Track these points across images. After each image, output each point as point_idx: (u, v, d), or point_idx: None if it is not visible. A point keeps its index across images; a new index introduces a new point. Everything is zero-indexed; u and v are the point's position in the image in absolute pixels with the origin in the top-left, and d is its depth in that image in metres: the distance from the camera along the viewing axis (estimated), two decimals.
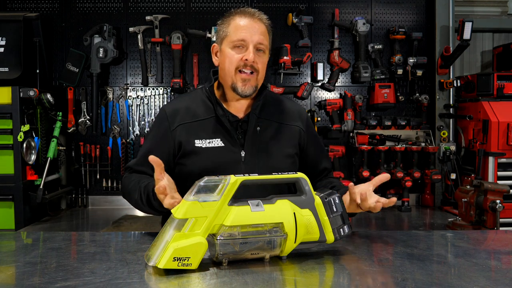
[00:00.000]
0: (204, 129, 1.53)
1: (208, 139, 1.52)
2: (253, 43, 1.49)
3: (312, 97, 3.51)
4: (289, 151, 1.60)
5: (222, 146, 1.52)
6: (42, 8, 3.42)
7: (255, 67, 1.51)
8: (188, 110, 1.57)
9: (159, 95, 3.42)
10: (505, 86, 3.19)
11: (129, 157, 3.40)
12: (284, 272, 1.07)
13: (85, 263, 1.15)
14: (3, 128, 2.80)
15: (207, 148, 1.51)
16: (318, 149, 1.71)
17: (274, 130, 1.59)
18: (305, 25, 3.39)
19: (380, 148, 3.30)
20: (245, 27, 1.50)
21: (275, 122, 1.60)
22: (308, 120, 1.70)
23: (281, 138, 1.59)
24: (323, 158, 1.72)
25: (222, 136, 1.53)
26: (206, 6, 3.45)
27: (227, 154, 1.52)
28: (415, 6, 3.54)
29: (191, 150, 1.52)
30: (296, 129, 1.63)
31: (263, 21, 1.55)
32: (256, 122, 1.56)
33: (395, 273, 1.05)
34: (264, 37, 1.53)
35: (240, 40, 1.50)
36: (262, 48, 1.52)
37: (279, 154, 1.57)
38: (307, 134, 1.66)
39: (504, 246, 1.37)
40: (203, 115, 1.56)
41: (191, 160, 1.52)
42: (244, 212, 1.08)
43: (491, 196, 2.48)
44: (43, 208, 3.06)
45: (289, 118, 1.63)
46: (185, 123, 1.55)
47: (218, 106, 1.54)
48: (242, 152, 1.53)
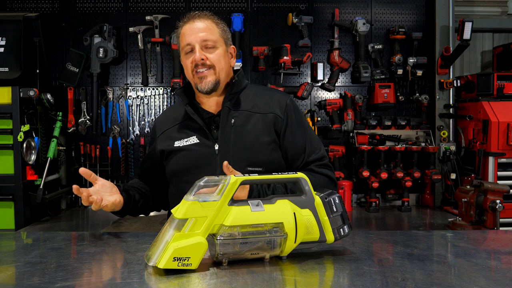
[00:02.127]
0: (182, 131, 1.64)
1: (185, 139, 1.62)
2: (197, 43, 1.55)
3: (312, 97, 3.51)
4: (266, 139, 1.57)
5: (198, 142, 1.60)
6: (42, 8, 3.42)
7: (207, 63, 1.55)
8: (170, 117, 1.71)
9: (159, 95, 3.42)
10: (505, 86, 3.19)
11: (129, 157, 3.40)
12: (284, 272, 1.07)
13: (85, 263, 1.15)
14: (3, 128, 2.81)
15: (185, 147, 1.61)
16: (301, 136, 1.62)
17: (249, 121, 1.58)
18: (305, 25, 3.39)
19: (380, 148, 3.30)
20: (187, 32, 1.57)
21: (250, 113, 1.59)
22: (289, 107, 1.62)
23: (255, 127, 1.58)
24: (307, 146, 1.61)
25: (197, 133, 1.61)
26: (206, 6, 3.45)
27: (202, 149, 1.59)
28: (415, 6, 3.54)
29: (171, 151, 1.63)
30: (270, 116, 1.59)
31: (205, 18, 1.58)
32: (229, 115, 1.58)
33: (395, 273, 1.05)
34: (208, 32, 1.56)
35: (186, 45, 1.57)
36: (210, 44, 1.56)
37: (255, 143, 1.56)
38: (287, 121, 1.60)
39: (504, 246, 1.37)
40: (181, 118, 1.66)
41: (172, 160, 1.63)
42: (244, 212, 1.08)
43: (491, 196, 2.48)
44: (43, 208, 3.06)
45: (265, 107, 1.61)
46: (167, 129, 1.68)
47: (188, 106, 1.62)
48: (216, 145, 1.57)
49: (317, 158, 1.61)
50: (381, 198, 3.46)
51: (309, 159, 1.60)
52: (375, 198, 3.30)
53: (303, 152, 1.61)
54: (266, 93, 1.67)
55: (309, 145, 1.62)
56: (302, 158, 1.60)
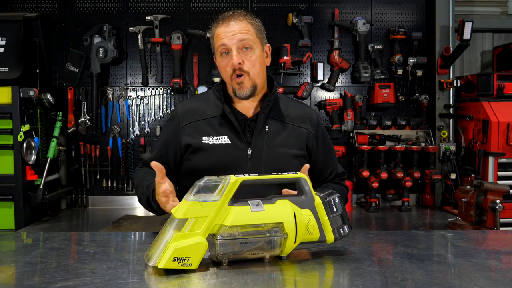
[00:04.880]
0: (212, 127, 1.57)
1: (215, 136, 1.55)
2: (234, 45, 1.51)
3: (312, 97, 3.51)
4: (296, 152, 1.60)
5: (229, 143, 1.55)
6: (42, 8, 3.42)
7: (243, 68, 1.52)
8: (198, 109, 1.61)
9: (159, 95, 3.42)
10: (505, 86, 3.19)
11: (129, 157, 3.40)
12: (284, 272, 1.07)
13: (85, 263, 1.15)
14: (3, 128, 2.80)
15: (214, 145, 1.54)
16: (327, 153, 1.70)
17: (282, 131, 1.60)
18: (305, 25, 3.39)
19: (380, 148, 3.30)
20: (223, 32, 1.53)
21: (284, 123, 1.61)
22: (319, 123, 1.69)
23: (289, 139, 1.59)
24: (331, 161, 1.71)
25: (229, 133, 1.56)
26: (206, 6, 3.45)
27: (233, 151, 1.54)
28: (415, 6, 3.54)
29: (198, 146, 1.56)
30: (304, 131, 1.63)
31: (241, 18, 1.55)
32: (265, 122, 1.57)
33: (395, 273, 1.05)
34: (247, 32, 1.53)
35: (222, 46, 1.53)
36: (248, 45, 1.52)
37: (286, 154, 1.57)
38: (317, 138, 1.66)
39: (504, 246, 1.37)
40: (211, 114, 1.59)
41: (199, 157, 1.56)
42: (244, 212, 1.08)
43: (491, 196, 2.48)
44: (43, 208, 3.06)
45: (298, 120, 1.63)
46: (193, 121, 1.59)
47: (225, 105, 1.57)
48: (249, 150, 1.54)
49: (342, 172, 1.74)
50: (381, 198, 3.46)
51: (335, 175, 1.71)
52: (375, 198, 3.30)
53: (330, 167, 1.70)
54: (296, 104, 1.70)
55: (335, 162, 1.73)
56: (330, 173, 1.70)
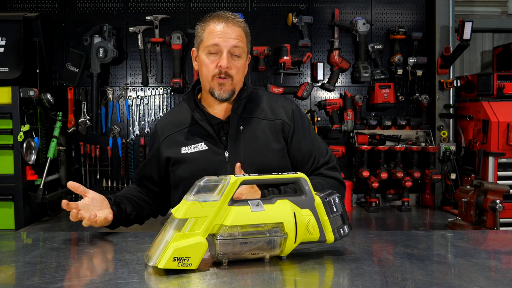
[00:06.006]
0: (188, 136, 1.59)
1: (193, 145, 1.58)
2: (227, 48, 1.50)
3: (312, 97, 3.51)
4: (276, 146, 1.58)
5: (206, 149, 1.56)
6: (42, 8, 3.42)
7: (229, 73, 1.51)
8: (175, 121, 1.64)
9: (159, 95, 3.42)
10: (505, 86, 3.19)
11: (129, 157, 3.40)
12: (284, 272, 1.07)
13: (85, 263, 1.15)
14: (3, 128, 2.80)
15: (193, 153, 1.56)
16: (308, 142, 1.63)
17: (257, 127, 1.58)
18: (305, 25, 3.39)
19: (380, 148, 3.30)
20: (219, 32, 1.51)
21: (259, 119, 1.60)
22: (296, 113, 1.64)
23: (265, 134, 1.58)
24: (315, 151, 1.63)
25: (206, 140, 1.57)
26: (206, 6, 3.45)
27: (211, 156, 1.55)
28: (415, 6, 3.54)
29: (178, 158, 1.58)
30: (278, 123, 1.60)
31: (238, 25, 1.54)
32: (238, 122, 1.57)
33: (395, 273, 1.05)
34: (240, 40, 1.53)
35: (213, 45, 1.51)
36: (238, 53, 1.52)
37: (265, 150, 1.57)
38: (294, 127, 1.62)
39: (504, 246, 1.37)
40: (186, 123, 1.61)
41: (181, 167, 1.59)
42: (244, 212, 1.08)
43: (491, 196, 2.48)
44: (43, 208, 3.06)
45: (272, 114, 1.61)
46: (171, 134, 1.62)
47: (196, 112, 1.57)
48: (226, 153, 1.55)
49: (326, 162, 1.64)
50: (381, 198, 3.46)
51: (318, 164, 1.63)
52: (375, 198, 3.30)
53: (311, 157, 1.63)
54: (271, 99, 1.67)
55: (317, 150, 1.64)
56: (311, 163, 1.63)
